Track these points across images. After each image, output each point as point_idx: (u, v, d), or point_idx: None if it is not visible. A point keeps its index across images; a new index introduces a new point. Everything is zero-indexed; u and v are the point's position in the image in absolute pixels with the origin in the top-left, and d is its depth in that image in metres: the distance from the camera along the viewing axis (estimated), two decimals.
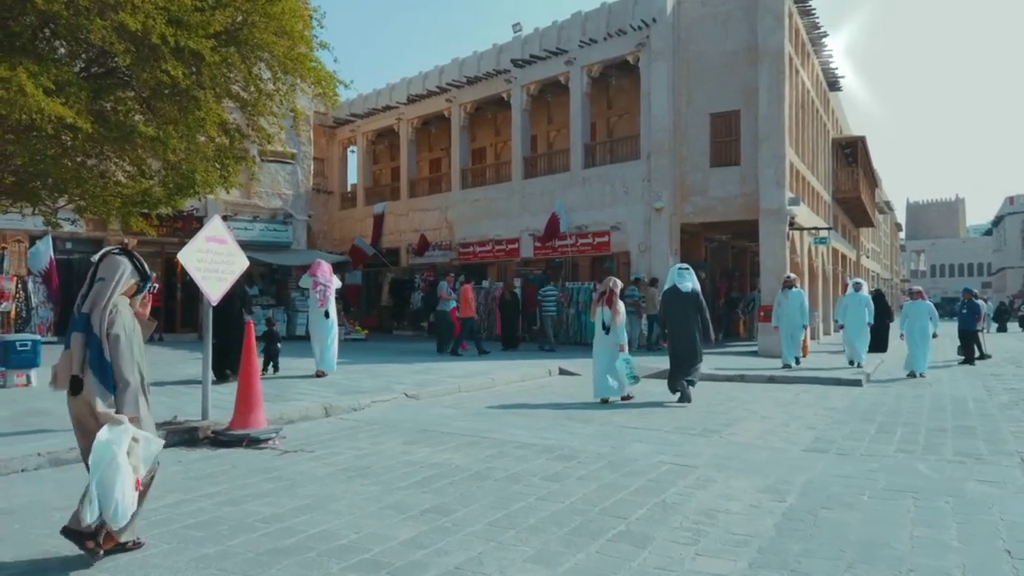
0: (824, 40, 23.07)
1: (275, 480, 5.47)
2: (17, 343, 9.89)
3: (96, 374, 3.62)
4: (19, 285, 19.11)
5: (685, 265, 10.54)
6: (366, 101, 28.32)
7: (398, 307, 26.16)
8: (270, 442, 6.74)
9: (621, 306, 10.03)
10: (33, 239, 19.26)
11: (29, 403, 8.60)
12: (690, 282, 10.05)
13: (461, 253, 24.42)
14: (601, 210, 20.58)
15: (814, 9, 20.76)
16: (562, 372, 13.54)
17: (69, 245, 20.73)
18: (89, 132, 8.43)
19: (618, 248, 20.39)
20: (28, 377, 10.12)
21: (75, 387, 3.67)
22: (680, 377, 9.94)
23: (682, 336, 9.98)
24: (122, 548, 3.86)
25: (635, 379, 9.89)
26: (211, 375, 7.56)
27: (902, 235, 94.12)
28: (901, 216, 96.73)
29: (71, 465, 5.76)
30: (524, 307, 20.44)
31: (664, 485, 5.43)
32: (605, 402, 9.83)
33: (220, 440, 6.66)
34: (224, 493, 5.12)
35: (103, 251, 3.95)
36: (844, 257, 32.93)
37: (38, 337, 10.34)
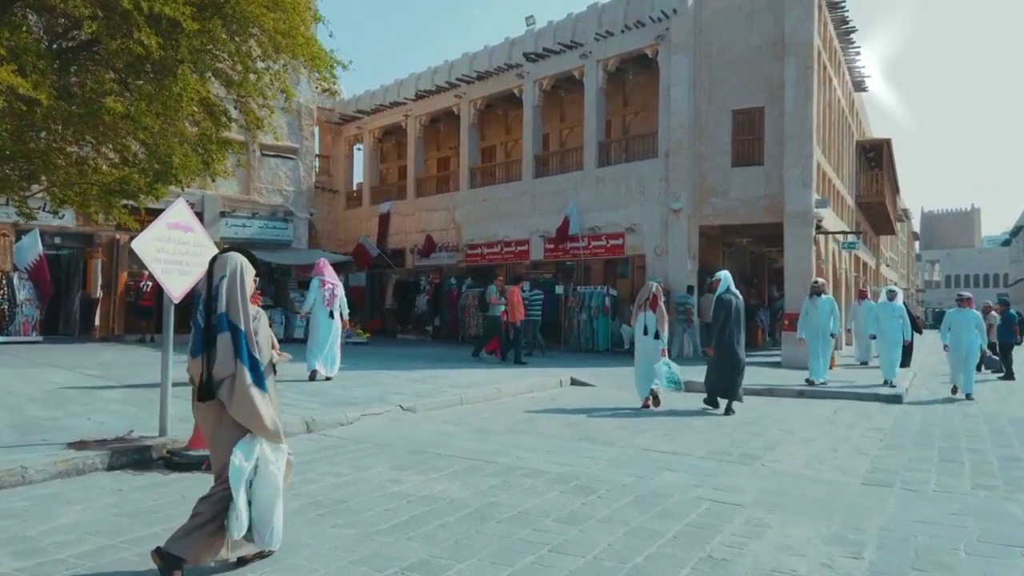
0: (852, 37, 22.02)
1: None
2: None
3: (253, 375, 3.44)
4: (3, 281, 18.22)
5: (727, 271, 10.35)
6: (373, 97, 27.42)
7: (403, 310, 25.16)
8: None
9: (664, 312, 9.93)
10: (20, 234, 18.35)
11: None
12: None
13: (468, 255, 23.42)
14: (615, 211, 19.54)
15: (844, 3, 19.71)
16: (574, 383, 12.50)
17: (57, 240, 19.83)
18: (48, 107, 7.47)
19: (633, 251, 19.35)
20: None
21: (204, 393, 3.45)
22: (725, 387, 9.64)
23: (737, 344, 9.73)
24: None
25: (676, 385, 9.77)
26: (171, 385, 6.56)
27: (917, 244, 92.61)
28: (916, 225, 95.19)
29: None
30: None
31: (708, 531, 4.40)
32: (646, 407, 9.66)
33: (175, 462, 5.66)
34: (160, 537, 4.09)
35: (216, 253, 3.73)
36: (864, 264, 31.78)
37: None
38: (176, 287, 6.15)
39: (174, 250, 6.11)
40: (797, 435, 8.01)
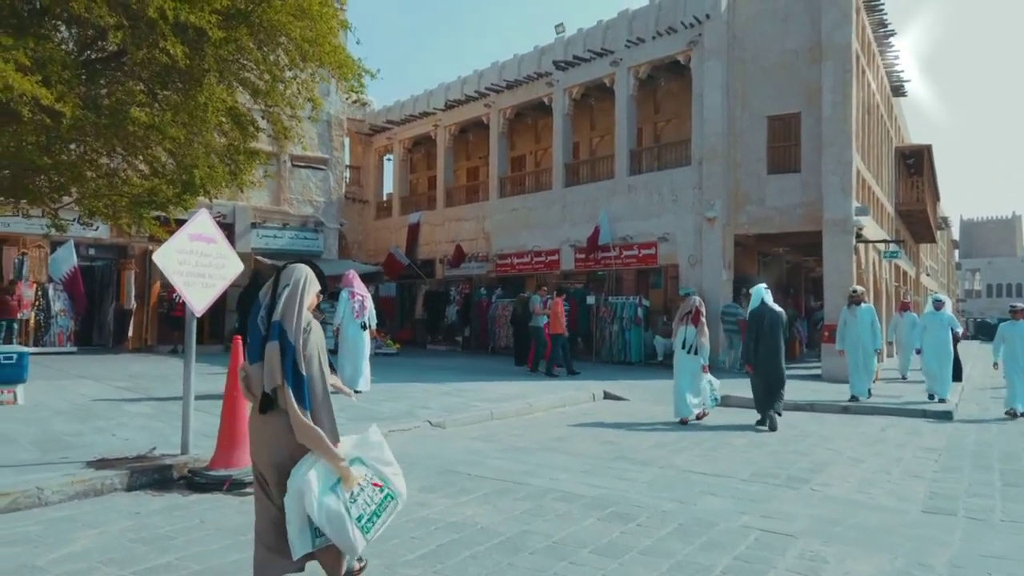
0: (891, 39, 21.43)
1: (246, 547, 4.18)
2: (1, 355, 8.87)
3: (293, 387, 3.23)
4: (39, 292, 18.40)
5: (764, 284, 10.16)
6: (403, 108, 27.42)
7: (432, 320, 24.99)
8: None
9: (706, 327, 9.78)
10: (55, 245, 18.52)
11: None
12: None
13: (498, 265, 23.19)
14: (647, 220, 19.16)
15: (882, 4, 19.18)
16: (607, 396, 12.15)
17: (92, 251, 20.00)
18: (74, 117, 7.38)
19: (666, 260, 18.94)
20: (15, 394, 9.09)
21: (265, 405, 3.27)
22: (770, 403, 9.39)
23: (775, 358, 9.55)
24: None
25: (715, 402, 9.71)
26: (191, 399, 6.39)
27: (956, 253, 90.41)
28: (955, 233, 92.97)
29: (1, 517, 4.60)
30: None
31: (759, 566, 4.06)
32: (684, 423, 9.43)
33: (196, 482, 5.45)
34: (173, 567, 3.89)
35: (284, 263, 3.63)
36: (904, 274, 30.91)
37: (24, 349, 9.31)
38: (198, 300, 5.98)
39: (196, 262, 5.94)
40: (845, 455, 7.59)
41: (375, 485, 3.37)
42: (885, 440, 8.72)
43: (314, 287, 3.47)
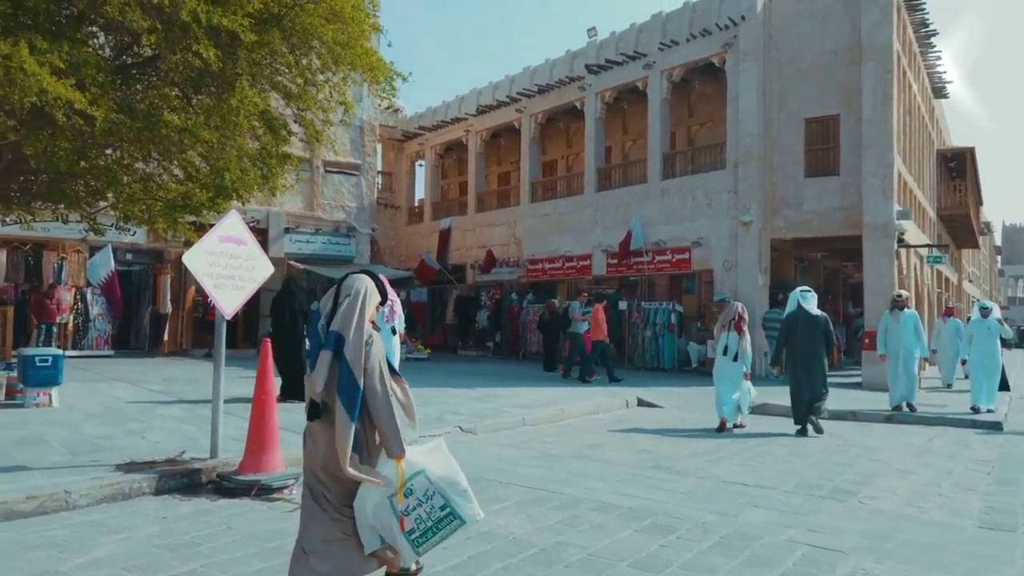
0: (932, 40, 20.88)
1: (272, 555, 4.11)
2: (37, 358, 8.94)
3: (344, 399, 3.18)
4: (77, 297, 18.70)
5: (807, 287, 9.85)
6: (435, 114, 27.46)
7: (463, 326, 24.93)
8: (285, 491, 5.42)
9: (748, 333, 9.69)
10: (93, 250, 18.80)
11: (31, 428, 7.56)
12: (815, 305, 9.51)
13: (529, 270, 23.04)
14: (681, 224, 18.87)
15: (924, 4, 18.70)
16: (641, 403, 11.91)
17: (129, 256, 20.30)
18: (107, 121, 7.39)
19: (700, 265, 18.62)
20: (50, 397, 9.16)
21: (313, 412, 3.27)
22: (809, 411, 9.22)
23: (811, 364, 9.35)
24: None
25: (748, 410, 9.71)
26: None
27: (999, 259, 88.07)
28: (998, 239, 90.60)
29: (28, 520, 4.56)
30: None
31: None
32: (722, 428, 9.33)
33: (224, 487, 5.37)
34: (198, 574, 3.78)
35: (346, 272, 3.61)
36: (946, 280, 30.10)
37: (59, 352, 9.37)
38: (228, 303, 5.92)
39: (226, 264, 5.88)
40: (892, 466, 7.29)
41: (437, 503, 3.31)
42: (933, 451, 8.38)
43: (375, 299, 3.45)
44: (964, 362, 12.70)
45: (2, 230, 17.32)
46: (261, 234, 20.97)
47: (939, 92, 25.27)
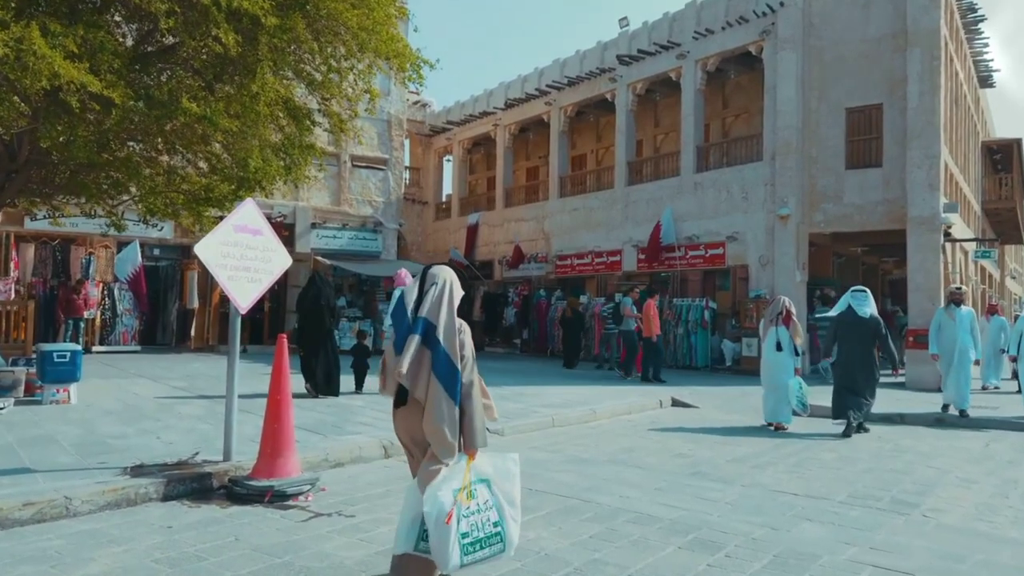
0: (980, 25, 20.04)
1: (280, 570, 3.76)
2: (55, 354, 8.74)
3: (444, 382, 3.18)
4: (104, 292, 18.67)
5: (862, 288, 9.38)
6: (463, 108, 27.11)
7: (490, 322, 24.57)
8: (301, 497, 5.08)
9: (800, 327, 9.37)
10: (121, 245, 18.76)
11: (44, 427, 7.33)
12: (869, 307, 9.05)
13: (558, 266, 22.60)
14: (715, 219, 18.30)
15: None
16: (675, 403, 11.44)
17: (156, 251, 20.24)
18: (124, 108, 7.14)
19: (735, 261, 18.03)
20: (69, 393, 8.96)
21: (401, 397, 3.31)
22: (847, 406, 8.86)
23: (854, 365, 8.94)
24: None
25: (804, 408, 9.15)
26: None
27: None
28: None
29: (25, 529, 4.26)
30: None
31: None
32: (770, 427, 9.21)
33: (236, 493, 5.05)
34: None
35: (428, 264, 3.66)
36: (989, 276, 29.07)
37: (78, 348, 9.16)
38: (243, 296, 5.60)
39: (241, 255, 5.56)
40: (952, 474, 6.76)
41: (491, 518, 3.21)
42: (992, 457, 7.82)
43: (459, 290, 3.46)
44: (1014, 359, 11.98)
45: (30, 225, 17.43)
46: (288, 229, 20.80)
47: (985, 81, 24.31)
